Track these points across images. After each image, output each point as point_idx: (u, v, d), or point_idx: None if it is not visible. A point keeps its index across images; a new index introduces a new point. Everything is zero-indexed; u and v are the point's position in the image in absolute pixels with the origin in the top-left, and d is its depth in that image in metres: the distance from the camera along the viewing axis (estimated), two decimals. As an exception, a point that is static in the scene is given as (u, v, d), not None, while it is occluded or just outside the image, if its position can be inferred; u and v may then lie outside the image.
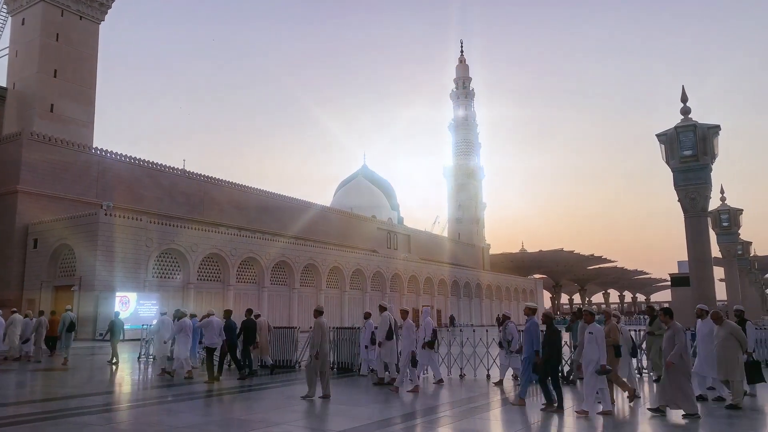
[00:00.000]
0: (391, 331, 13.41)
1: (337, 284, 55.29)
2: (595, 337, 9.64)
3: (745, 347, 10.44)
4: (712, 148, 19.26)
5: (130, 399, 12.20)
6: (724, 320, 10.60)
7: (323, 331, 11.30)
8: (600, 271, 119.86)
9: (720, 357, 10.41)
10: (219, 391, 12.71)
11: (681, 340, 9.51)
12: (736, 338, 10.31)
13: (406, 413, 10.12)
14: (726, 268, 35.10)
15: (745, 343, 10.44)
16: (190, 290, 40.66)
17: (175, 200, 48.16)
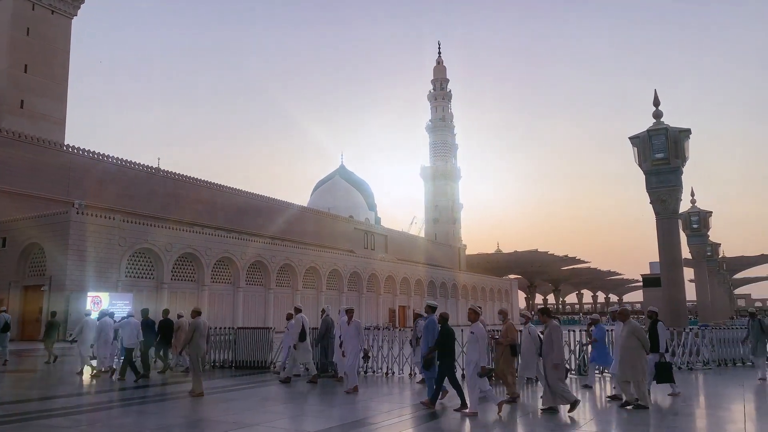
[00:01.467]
0: (304, 332, 13.85)
1: (313, 284, 55.09)
2: (476, 337, 9.57)
3: (647, 347, 10.29)
4: (683, 151, 19.63)
5: (100, 401, 11.99)
6: (629, 319, 10.50)
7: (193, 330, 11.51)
8: (574, 272, 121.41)
9: (621, 357, 10.38)
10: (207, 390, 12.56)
11: (558, 339, 9.58)
12: (637, 338, 10.21)
13: (381, 413, 10.13)
14: (696, 269, 35.89)
15: (646, 343, 10.30)
16: (163, 290, 40.13)
17: (150, 199, 47.48)
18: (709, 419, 9.87)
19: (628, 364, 10.09)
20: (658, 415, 9.78)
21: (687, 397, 12.10)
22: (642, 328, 10.50)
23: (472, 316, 9.94)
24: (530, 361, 10.93)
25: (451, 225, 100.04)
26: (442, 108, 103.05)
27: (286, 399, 11.77)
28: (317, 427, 8.66)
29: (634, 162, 20.19)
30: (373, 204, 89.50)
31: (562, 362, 9.74)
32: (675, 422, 9.30)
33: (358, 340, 12.35)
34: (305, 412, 10.21)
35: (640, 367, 10.07)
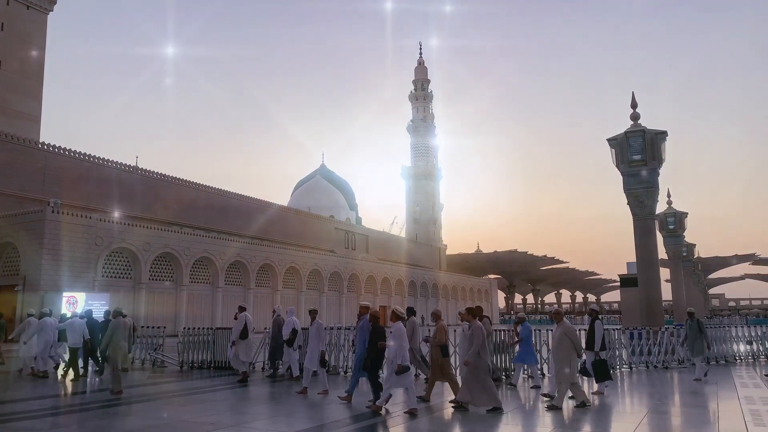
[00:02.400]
0: (245, 330, 14.12)
1: (293, 284, 54.86)
2: (395, 336, 9.66)
3: (579, 350, 10.19)
4: (659, 153, 19.92)
5: (73, 403, 11.80)
6: (562, 320, 10.48)
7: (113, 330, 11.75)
8: (552, 272, 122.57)
9: (554, 358, 10.41)
10: (169, 393, 12.44)
11: (478, 339, 9.62)
12: (569, 338, 10.14)
13: (360, 412, 10.12)
14: (672, 269, 36.39)
15: (578, 345, 10.18)
16: (141, 290, 39.66)
17: (128, 198, 46.80)
18: (683, 417, 10.03)
19: (560, 365, 10.07)
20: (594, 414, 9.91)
21: (663, 395, 12.30)
22: (575, 330, 10.36)
23: (393, 318, 10.05)
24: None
25: (432, 225, 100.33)
26: (423, 108, 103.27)
27: (264, 400, 11.71)
28: (295, 428, 8.62)
29: (612, 163, 20.43)
30: (354, 204, 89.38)
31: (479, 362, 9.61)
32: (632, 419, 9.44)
33: (317, 341, 12.24)
34: (283, 412, 10.16)
35: (572, 368, 10.01)
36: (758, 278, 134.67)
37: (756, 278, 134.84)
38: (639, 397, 12.25)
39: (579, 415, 10.02)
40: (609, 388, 12.26)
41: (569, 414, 9.98)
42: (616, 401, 11.82)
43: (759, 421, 8.97)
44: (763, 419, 9.19)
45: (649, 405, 10.99)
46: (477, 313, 10.45)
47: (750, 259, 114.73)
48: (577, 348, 10.15)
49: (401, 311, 10.25)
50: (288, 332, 14.01)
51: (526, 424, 9.41)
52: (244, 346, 14.20)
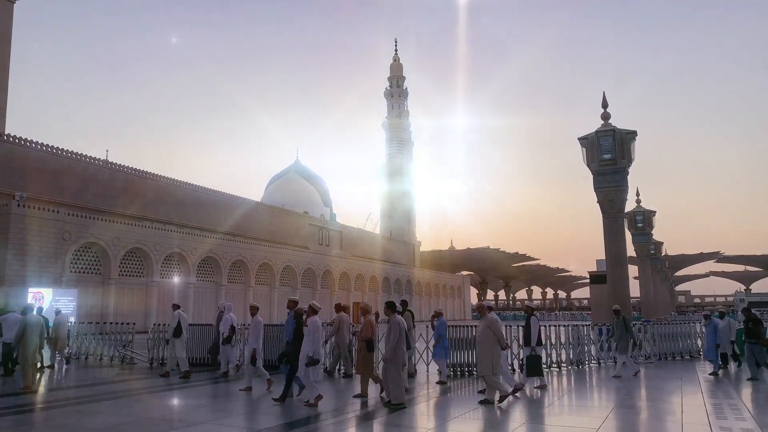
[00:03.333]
0: (179, 328, 14.31)
1: (266, 281, 54.51)
2: (310, 330, 9.87)
3: (502, 342, 10.28)
4: (629, 152, 20.29)
5: (44, 400, 11.57)
6: (486, 314, 10.57)
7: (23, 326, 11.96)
8: (524, 269, 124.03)
9: (478, 351, 10.51)
10: (140, 390, 12.28)
11: (395, 335, 9.75)
12: (492, 331, 10.18)
13: (331, 409, 10.13)
14: (640, 266, 37.14)
15: (502, 338, 10.24)
16: (110, 286, 38.98)
17: (97, 192, 45.87)
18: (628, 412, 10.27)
19: (484, 358, 10.17)
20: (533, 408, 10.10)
21: (630, 389, 12.57)
22: (497, 323, 10.37)
23: (310, 312, 10.23)
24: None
25: (406, 222, 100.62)
26: (399, 105, 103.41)
27: (236, 396, 11.63)
28: (268, 425, 8.60)
29: (583, 162, 20.73)
30: (328, 200, 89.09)
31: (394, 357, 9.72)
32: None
33: (254, 338, 12.20)
34: (256, 409, 10.11)
35: (495, 362, 10.08)
36: (722, 276, 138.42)
37: (720, 276, 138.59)
38: (606, 391, 12.51)
39: (545, 409, 10.20)
40: (579, 382, 12.49)
41: (534, 409, 10.14)
42: (585, 396, 12.06)
43: (721, 415, 9.24)
44: (724, 412, 9.47)
45: (616, 399, 11.22)
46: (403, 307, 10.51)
47: (715, 257, 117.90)
48: (500, 341, 10.22)
49: (317, 306, 10.41)
50: (227, 329, 14.14)
51: (494, 419, 9.53)
52: (179, 343, 14.27)
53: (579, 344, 16.86)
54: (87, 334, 19.20)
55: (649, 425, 9.04)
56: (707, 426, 8.36)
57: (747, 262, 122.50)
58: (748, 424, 8.54)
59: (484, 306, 11.08)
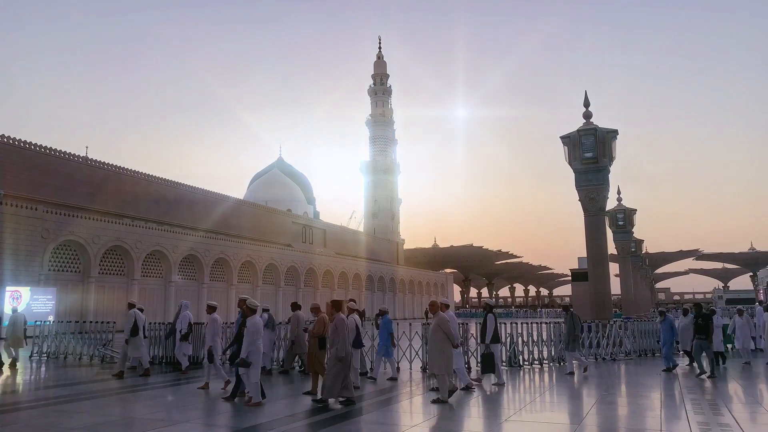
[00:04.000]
0: (135, 327, 14.32)
1: (249, 279, 54.18)
2: (248, 331, 9.88)
3: (453, 340, 10.16)
4: (610, 151, 20.50)
5: (16, 401, 11.38)
6: (437, 312, 10.51)
7: None
8: (507, 266, 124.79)
9: (429, 349, 10.52)
10: (121, 390, 12.13)
11: (342, 332, 9.76)
12: (443, 331, 10.11)
13: (312, 408, 10.10)
14: (620, 264, 37.56)
15: (452, 336, 10.14)
16: (90, 284, 38.46)
17: (78, 189, 45.16)
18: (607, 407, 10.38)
19: (434, 356, 10.14)
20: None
21: (610, 385, 12.70)
22: (447, 321, 10.25)
23: (246, 312, 10.17)
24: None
25: (390, 220, 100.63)
26: (383, 103, 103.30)
27: (217, 395, 11.54)
28: (247, 424, 8.55)
29: (565, 160, 20.90)
30: (311, 198, 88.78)
31: (347, 355, 9.77)
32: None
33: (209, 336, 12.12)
34: (235, 408, 10.02)
35: (446, 360, 10.03)
36: (701, 273, 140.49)
37: (699, 273, 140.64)
38: (588, 387, 12.62)
39: (527, 404, 10.26)
40: (566, 379, 12.57)
41: (523, 404, 10.19)
42: (566, 392, 12.16)
43: (698, 410, 9.38)
44: (702, 407, 9.60)
45: (597, 395, 11.33)
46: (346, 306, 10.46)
47: (694, 254, 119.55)
48: (451, 338, 10.12)
49: (255, 303, 10.32)
50: (184, 326, 14.26)
51: (475, 416, 9.57)
52: (133, 343, 14.25)
53: (560, 341, 16.99)
54: (66, 333, 18.93)
55: (629, 420, 9.14)
56: (686, 421, 8.47)
57: (725, 260, 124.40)
58: (726, 419, 8.67)
59: (436, 303, 10.90)
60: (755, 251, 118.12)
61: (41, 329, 19.32)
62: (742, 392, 11.99)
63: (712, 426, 8.09)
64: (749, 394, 11.75)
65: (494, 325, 12.43)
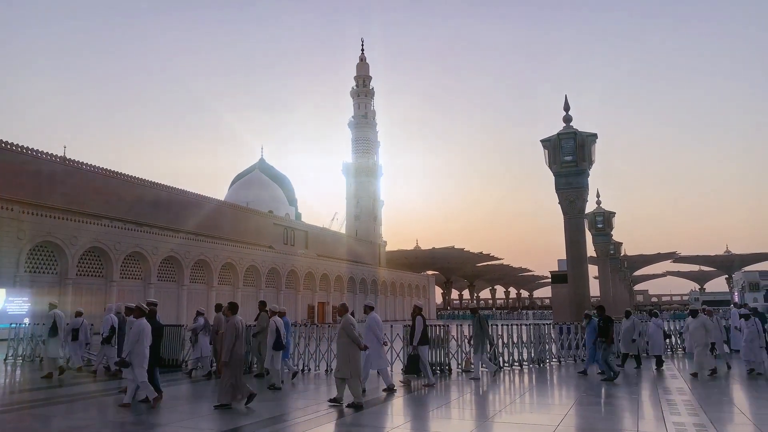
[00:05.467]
0: (55, 328, 14.69)
1: (229, 281, 53.80)
2: (132, 332, 9.93)
3: (357, 343, 10.03)
4: (589, 155, 20.73)
5: None
6: (345, 314, 10.40)
7: None
8: (488, 268, 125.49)
9: (336, 353, 10.52)
10: (99, 393, 11.98)
11: (229, 338, 9.71)
12: (346, 333, 10.08)
13: (296, 409, 10.08)
14: (599, 266, 37.90)
15: (355, 339, 10.03)
16: (68, 285, 37.90)
17: (54, 190, 44.48)
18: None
19: (341, 360, 10.10)
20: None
21: (589, 387, 12.83)
22: (351, 325, 10.16)
23: (136, 313, 10.36)
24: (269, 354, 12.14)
25: (372, 221, 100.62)
26: (365, 105, 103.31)
27: (197, 397, 11.46)
28: (229, 426, 8.50)
29: (545, 163, 21.08)
30: (293, 199, 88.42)
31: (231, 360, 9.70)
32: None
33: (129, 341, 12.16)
34: (216, 410, 9.95)
35: (353, 363, 9.98)
36: (678, 275, 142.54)
37: (677, 275, 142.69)
38: (567, 389, 12.75)
39: (508, 404, 10.34)
40: (539, 380, 12.66)
41: (508, 403, 10.26)
42: (545, 394, 12.28)
43: (675, 410, 9.53)
44: (678, 408, 9.76)
45: (575, 396, 11.45)
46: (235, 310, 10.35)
47: (671, 257, 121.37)
48: (355, 342, 10.05)
49: (144, 307, 10.36)
50: (107, 329, 14.39)
51: (457, 414, 9.62)
52: (54, 343, 14.42)
53: (540, 343, 17.15)
54: (42, 336, 18.61)
55: (606, 421, 9.26)
56: (662, 421, 8.61)
57: (702, 263, 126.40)
58: (701, 419, 8.82)
59: (344, 305, 10.88)
60: (730, 254, 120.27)
61: (16, 332, 19.00)
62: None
63: (687, 426, 8.23)
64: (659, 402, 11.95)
65: (422, 327, 12.61)
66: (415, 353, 12.35)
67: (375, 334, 11.66)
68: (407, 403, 10.81)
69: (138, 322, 10.05)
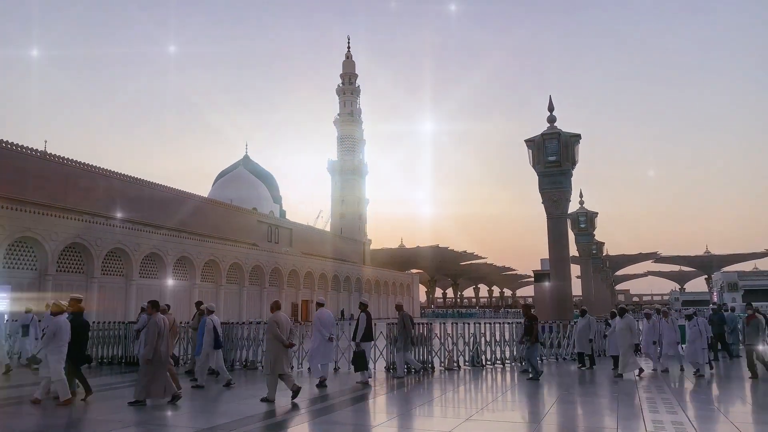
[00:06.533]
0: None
1: (212, 278, 53.43)
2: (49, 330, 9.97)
3: (280, 340, 10.15)
4: (573, 155, 20.88)
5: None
6: (275, 312, 10.63)
7: None
8: (471, 267, 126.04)
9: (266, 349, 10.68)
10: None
11: (152, 335, 9.74)
12: (271, 332, 10.28)
13: (277, 407, 10.03)
14: (582, 265, 38.25)
15: (278, 336, 10.14)
16: (47, 282, 37.33)
17: (34, 184, 43.75)
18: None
19: (265, 356, 10.44)
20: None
21: (570, 385, 12.94)
22: (274, 324, 10.29)
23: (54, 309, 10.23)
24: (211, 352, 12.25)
25: (357, 220, 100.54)
26: (351, 102, 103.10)
27: (227, 400, 11.36)
28: (207, 424, 8.45)
29: (529, 163, 21.20)
30: (278, 196, 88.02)
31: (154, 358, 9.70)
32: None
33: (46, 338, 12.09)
34: (196, 408, 9.90)
35: (275, 360, 10.15)
36: (659, 275, 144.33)
37: (658, 275, 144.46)
38: (548, 387, 12.84)
39: (490, 402, 10.39)
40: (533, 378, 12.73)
41: (490, 401, 10.30)
42: (527, 391, 12.34)
43: (653, 408, 9.65)
44: (656, 406, 9.89)
45: (557, 394, 11.55)
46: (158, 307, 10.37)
47: (652, 257, 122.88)
48: (278, 339, 10.18)
49: (62, 304, 10.39)
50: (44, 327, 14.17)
51: (439, 412, 9.65)
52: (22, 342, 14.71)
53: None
54: (20, 333, 18.34)
55: (587, 418, 9.35)
56: (641, 420, 8.71)
57: (682, 263, 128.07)
58: (679, 417, 8.94)
59: (276, 303, 11.03)
60: (710, 255, 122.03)
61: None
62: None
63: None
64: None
65: (365, 324, 12.77)
66: (359, 350, 12.55)
67: (319, 331, 12.25)
68: (390, 401, 10.83)
69: (56, 319, 9.96)
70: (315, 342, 12.48)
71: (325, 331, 12.33)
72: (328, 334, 12.39)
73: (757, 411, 10.30)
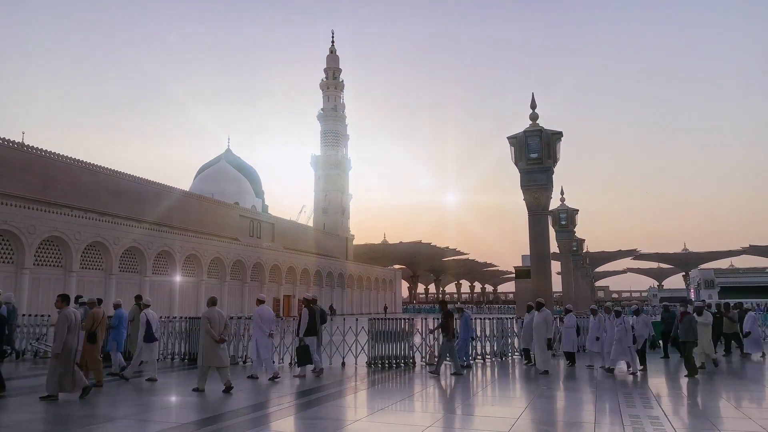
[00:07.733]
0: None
1: (193, 272, 53.03)
2: None
3: (211, 335, 10.59)
4: (554, 152, 21.05)
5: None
6: (210, 307, 11.03)
7: None
8: (454, 263, 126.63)
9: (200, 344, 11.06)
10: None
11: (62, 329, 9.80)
12: (204, 328, 10.81)
13: (265, 400, 10.01)
14: (563, 262, 38.62)
15: (208, 330, 10.62)
16: (24, 276, 36.80)
17: (11, 176, 43.03)
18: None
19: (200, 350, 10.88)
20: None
21: (549, 380, 13.07)
22: (206, 319, 10.80)
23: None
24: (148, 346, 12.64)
25: (340, 215, 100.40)
26: (334, 97, 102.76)
27: (157, 392, 11.28)
28: (187, 419, 8.40)
29: (511, 160, 21.32)
30: (260, 191, 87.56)
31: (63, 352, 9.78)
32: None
33: None
34: (175, 404, 9.82)
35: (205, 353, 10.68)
36: (638, 272, 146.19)
37: (637, 272, 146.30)
38: (527, 382, 12.97)
39: (471, 397, 10.46)
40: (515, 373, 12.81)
41: (471, 396, 10.37)
42: (507, 386, 12.46)
43: (630, 404, 9.79)
44: (634, 402, 10.04)
45: (536, 390, 11.66)
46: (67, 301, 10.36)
47: (632, 254, 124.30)
48: (209, 333, 10.70)
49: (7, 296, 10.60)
50: None
51: (419, 409, 9.69)
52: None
53: (503, 336, 17.39)
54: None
55: (566, 413, 9.46)
56: (618, 414, 8.84)
57: (660, 260, 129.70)
58: (656, 412, 9.09)
59: (213, 299, 11.45)
60: (688, 252, 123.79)
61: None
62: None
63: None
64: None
65: (308, 319, 13.04)
66: (303, 344, 12.77)
67: (259, 327, 12.80)
68: (371, 396, 10.87)
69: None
70: (255, 337, 13.02)
71: (265, 327, 12.89)
72: (268, 330, 12.93)
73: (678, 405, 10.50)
